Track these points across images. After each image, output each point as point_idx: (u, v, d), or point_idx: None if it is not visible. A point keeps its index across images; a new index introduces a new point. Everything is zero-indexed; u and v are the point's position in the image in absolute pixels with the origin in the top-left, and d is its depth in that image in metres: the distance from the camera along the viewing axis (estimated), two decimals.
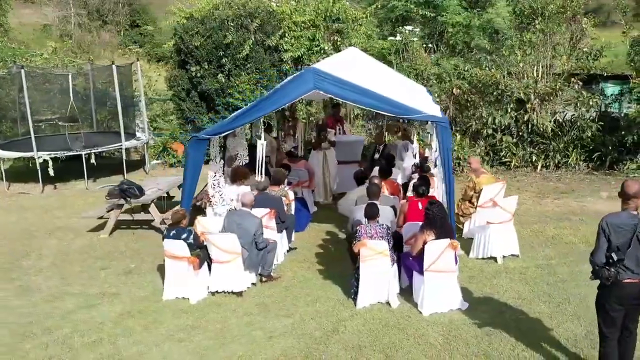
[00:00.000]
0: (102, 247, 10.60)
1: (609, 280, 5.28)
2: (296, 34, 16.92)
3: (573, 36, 16.16)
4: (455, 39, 21.57)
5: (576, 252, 9.40)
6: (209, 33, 16.24)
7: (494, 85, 15.26)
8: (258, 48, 16.44)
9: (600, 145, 15.52)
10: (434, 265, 7.33)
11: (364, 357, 6.48)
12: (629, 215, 5.35)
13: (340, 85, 8.20)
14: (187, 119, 17.41)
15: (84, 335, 7.36)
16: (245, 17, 16.35)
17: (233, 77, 16.44)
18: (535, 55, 16.11)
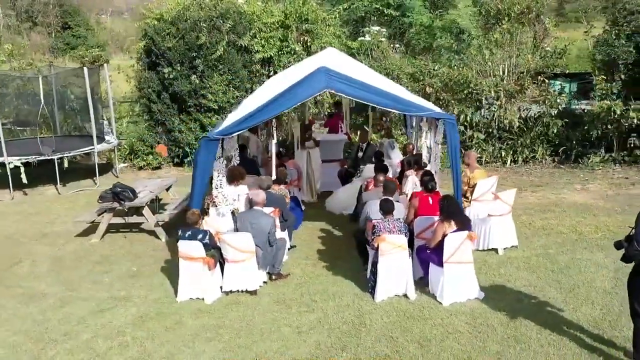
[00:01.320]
0: (96, 251, 10.44)
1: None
2: (266, 35, 17.01)
3: (536, 35, 16.82)
4: (417, 39, 22.02)
5: (569, 241, 9.88)
6: (181, 34, 16.14)
7: (465, 84, 15.73)
8: (230, 49, 16.45)
9: (565, 140, 16.23)
10: (453, 257, 7.59)
11: (400, 348, 6.66)
12: None
13: (352, 84, 8.38)
14: (158, 121, 17.23)
15: (107, 339, 7.28)
16: (218, 18, 16.33)
17: (206, 79, 16.39)
18: (501, 54, 16.69)
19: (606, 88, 15.16)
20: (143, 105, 17.47)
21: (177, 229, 8.61)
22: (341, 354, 6.62)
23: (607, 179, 14.33)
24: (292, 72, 10.98)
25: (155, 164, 17.38)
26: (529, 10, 16.05)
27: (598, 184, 13.77)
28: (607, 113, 14.80)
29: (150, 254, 10.26)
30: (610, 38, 15.25)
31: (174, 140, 17.19)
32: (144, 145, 17.45)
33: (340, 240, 10.68)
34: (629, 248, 5.73)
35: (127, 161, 18.08)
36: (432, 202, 8.64)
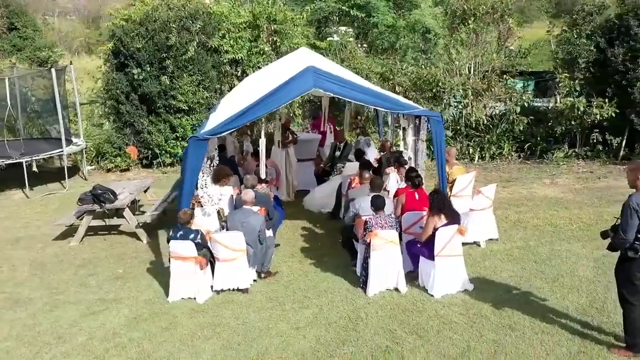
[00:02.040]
0: (77, 254, 10.31)
1: (637, 253, 5.84)
2: (235, 35, 17.01)
3: (501, 35, 17.26)
4: (380, 39, 22.25)
5: (546, 233, 10.22)
6: (150, 35, 16.01)
7: (434, 83, 16.05)
8: (200, 50, 16.40)
9: (530, 137, 16.71)
10: (443, 250, 7.80)
11: (399, 339, 6.82)
12: None
13: (339, 83, 8.52)
14: (126, 123, 17.03)
15: (103, 341, 7.24)
16: (187, 19, 16.26)
17: (176, 79, 16.30)
18: (467, 54, 17.08)
19: (569, 85, 15.64)
20: (111, 107, 17.21)
21: (167, 229, 8.60)
22: (342, 348, 6.74)
23: (573, 173, 14.81)
24: (272, 71, 11.06)
25: (124, 166, 17.17)
26: (494, 10, 16.44)
27: (566, 178, 14.23)
28: (571, 110, 15.28)
29: (133, 255, 10.19)
30: (572, 37, 15.74)
31: (143, 141, 17.01)
32: (111, 147, 17.19)
33: (322, 237, 10.79)
34: (615, 237, 6.01)
35: (94, 164, 17.80)
36: (418, 198, 8.84)
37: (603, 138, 15.72)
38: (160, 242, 10.79)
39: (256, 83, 10.61)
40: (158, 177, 16.23)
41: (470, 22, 16.44)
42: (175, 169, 17.20)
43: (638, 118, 14.95)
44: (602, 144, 15.84)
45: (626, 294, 6.16)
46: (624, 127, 15.43)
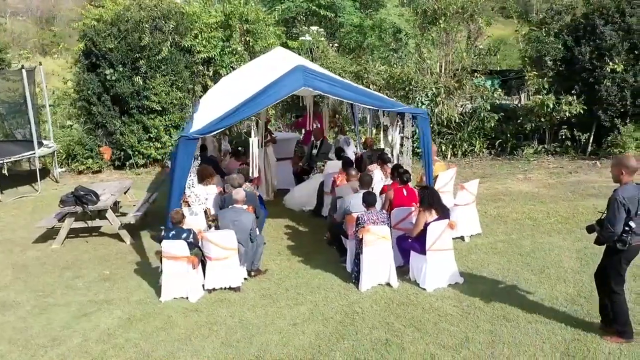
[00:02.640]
0: (60, 257, 10.19)
1: (625, 245, 6.05)
2: (207, 35, 16.98)
3: (470, 34, 17.58)
4: (348, 39, 22.46)
5: (527, 227, 10.49)
6: (123, 35, 15.86)
7: (407, 81, 16.27)
8: (173, 50, 16.32)
9: (500, 134, 17.07)
10: (435, 244, 7.96)
11: (398, 332, 6.94)
12: (635, 187, 6.09)
13: (328, 81, 8.60)
14: (98, 124, 16.84)
15: (99, 342, 7.19)
16: (160, 19, 16.16)
17: (149, 80, 16.18)
18: (438, 53, 17.36)
19: (538, 83, 16.03)
20: (81, 108, 16.98)
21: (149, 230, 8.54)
22: (343, 342, 6.82)
23: (544, 168, 15.19)
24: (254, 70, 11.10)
25: (96, 168, 16.96)
26: (463, 10, 16.73)
27: (538, 174, 14.59)
28: (540, 107, 15.66)
29: (117, 257, 10.12)
30: (542, 36, 16.13)
31: (115, 142, 16.86)
32: (83, 149, 16.96)
33: (307, 235, 10.88)
34: (603, 231, 6.22)
35: (64, 166, 17.53)
36: (407, 194, 8.99)
37: (571, 134, 16.16)
38: (143, 243, 10.76)
39: (240, 82, 10.63)
40: (132, 178, 16.06)
41: (441, 22, 16.68)
42: (149, 170, 17.09)
43: (605, 114, 15.40)
44: (571, 140, 16.27)
45: (614, 285, 6.37)
46: (592, 124, 15.89)
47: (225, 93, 10.23)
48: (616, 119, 15.37)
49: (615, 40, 15.06)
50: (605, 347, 6.32)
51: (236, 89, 9.87)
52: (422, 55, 17.05)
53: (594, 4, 15.68)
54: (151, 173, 16.89)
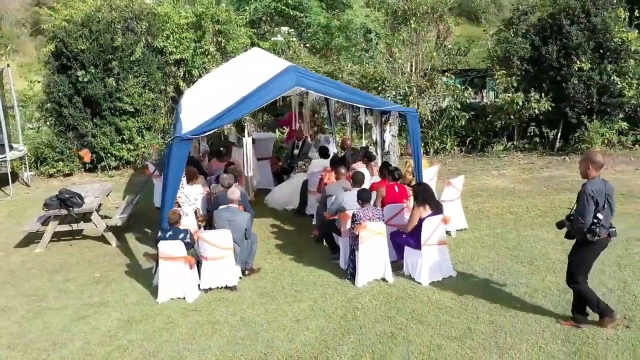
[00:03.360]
0: (46, 261, 10.05)
1: (595, 236, 6.32)
2: (178, 36, 16.91)
3: (440, 34, 17.93)
4: (315, 39, 22.56)
5: (509, 221, 10.81)
6: (95, 36, 15.68)
7: (380, 80, 16.51)
8: (146, 51, 16.21)
9: (471, 132, 17.45)
10: (430, 239, 8.17)
11: (401, 325, 7.10)
12: (601, 182, 6.40)
13: (320, 81, 8.73)
14: (69, 126, 16.59)
15: (102, 345, 7.15)
16: (132, 20, 16.03)
17: (122, 81, 16.04)
18: (408, 53, 17.65)
19: (507, 82, 16.46)
20: (51, 110, 16.69)
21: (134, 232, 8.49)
22: (348, 336, 6.95)
23: (515, 165, 15.61)
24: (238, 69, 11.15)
25: (67, 171, 16.71)
26: (433, 10, 17.06)
27: (511, 170, 14.99)
28: (510, 105, 16.08)
29: (105, 259, 10.04)
30: (510, 36, 16.56)
31: (87, 145, 16.63)
32: (53, 152, 16.68)
33: (293, 234, 10.97)
34: (574, 223, 6.48)
35: (33, 169, 17.21)
36: (398, 191, 9.19)
37: (540, 131, 16.64)
38: (130, 245, 10.69)
39: (226, 81, 10.66)
40: (105, 181, 15.88)
41: (412, 22, 16.97)
42: (121, 173, 16.91)
43: (572, 111, 15.91)
44: (539, 137, 16.75)
45: (578, 275, 6.64)
46: (559, 120, 16.39)
47: (212, 93, 10.25)
48: (583, 116, 15.89)
49: (581, 40, 15.58)
50: (603, 333, 6.60)
51: (224, 89, 9.92)
52: (394, 55, 17.30)
53: (560, 5, 16.15)
54: (124, 175, 16.72)
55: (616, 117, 16.00)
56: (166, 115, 17.76)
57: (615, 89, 15.54)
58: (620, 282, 7.92)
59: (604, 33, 15.63)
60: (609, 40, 15.66)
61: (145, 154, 17.17)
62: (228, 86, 10.01)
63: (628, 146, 16.24)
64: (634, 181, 13.20)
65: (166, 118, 17.72)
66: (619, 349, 6.31)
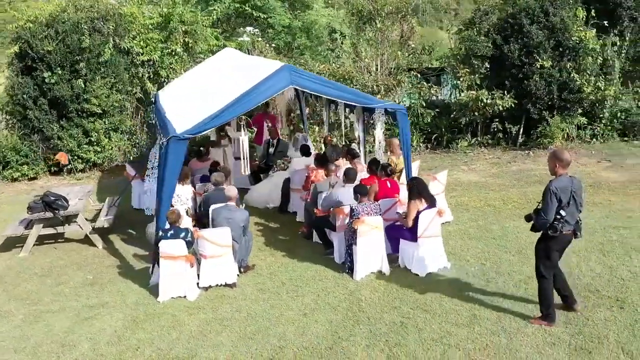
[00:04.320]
0: (33, 265, 9.89)
1: (556, 232, 6.67)
2: (144, 37, 16.80)
3: (403, 34, 18.33)
4: (278, 39, 22.71)
5: (489, 213, 11.22)
6: (61, 37, 15.43)
7: (348, 79, 16.77)
8: (113, 51, 16.04)
9: (435, 128, 17.90)
10: (426, 231, 8.45)
11: (409, 315, 7.36)
12: (567, 179, 6.73)
13: (314, 80, 8.92)
14: (34, 129, 16.25)
15: (111, 345, 7.16)
16: (99, 20, 15.84)
17: (89, 82, 15.83)
18: (373, 52, 17.99)
19: (470, 80, 16.97)
20: (15, 113, 16.32)
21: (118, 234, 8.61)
22: (359, 327, 7.17)
23: (482, 160, 16.11)
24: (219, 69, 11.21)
25: (32, 174, 16.37)
26: (398, 10, 17.43)
27: (480, 165, 15.47)
28: (475, 102, 16.58)
29: (94, 261, 9.95)
30: (473, 35, 17.08)
31: (52, 148, 16.33)
32: (17, 155, 16.30)
33: (280, 231, 11.09)
34: (537, 219, 6.82)
35: None
36: (390, 186, 9.45)
37: (503, 127, 17.19)
38: (116, 246, 10.63)
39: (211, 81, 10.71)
40: (72, 184, 15.66)
41: (377, 22, 17.31)
42: (89, 175, 16.67)
43: (534, 107, 16.52)
44: (502, 133, 17.31)
45: (542, 269, 6.96)
46: (521, 116, 16.98)
47: (198, 92, 10.27)
48: (544, 112, 16.51)
49: (541, 39, 16.20)
50: (600, 315, 7.02)
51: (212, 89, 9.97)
52: (360, 55, 17.61)
53: (520, 5, 16.75)
54: (92, 177, 16.48)
55: (575, 112, 16.68)
56: (132, 117, 17.59)
57: (575, 86, 16.21)
58: (606, 267, 8.38)
59: (562, 32, 16.30)
60: (567, 39, 16.34)
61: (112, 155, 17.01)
62: (216, 86, 10.07)
63: (586, 140, 16.95)
64: (598, 173, 13.85)
65: (132, 119, 17.55)
66: (617, 329, 6.73)
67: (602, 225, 10.00)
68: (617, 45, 17.24)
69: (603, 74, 16.74)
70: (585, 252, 8.91)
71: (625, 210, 10.83)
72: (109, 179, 16.06)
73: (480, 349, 6.49)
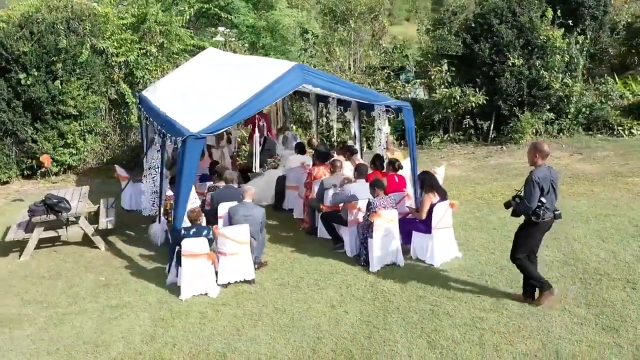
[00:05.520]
0: (38, 269, 9.72)
1: (539, 218, 7.15)
2: (118, 37, 16.64)
3: (375, 34, 18.73)
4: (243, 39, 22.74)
5: (482, 205, 11.67)
6: (37, 38, 15.14)
7: None
8: (89, 52, 15.83)
9: None
10: (439, 223, 8.80)
11: (436, 303, 7.66)
12: (546, 169, 7.22)
13: (325, 79, 9.14)
14: (7, 132, 15.86)
15: (146, 343, 7.18)
16: (74, 20, 15.60)
17: (65, 83, 15.57)
18: (346, 51, 18.33)
19: (442, 78, 17.50)
20: None
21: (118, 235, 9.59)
22: (391, 316, 7.42)
23: (458, 155, 16.63)
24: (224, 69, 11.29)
25: (5, 179, 15.99)
26: (371, 10, 17.82)
27: (458, 160, 15.98)
28: (448, 99, 17.10)
29: (100, 263, 9.85)
30: (445, 34, 17.61)
31: (26, 151, 15.98)
32: None
33: (280, 228, 11.22)
34: (520, 205, 7.28)
35: None
36: (397, 180, 9.76)
37: (474, 123, 17.76)
38: (118, 247, 10.57)
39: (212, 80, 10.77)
40: (47, 188, 15.40)
41: (351, 22, 17.64)
42: (64, 178, 16.40)
43: (505, 104, 17.15)
44: (474, 129, 17.88)
45: (519, 252, 7.47)
46: (492, 113, 17.59)
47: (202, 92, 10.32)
48: (514, 108, 17.16)
49: (511, 37, 16.85)
50: (617, 296, 7.51)
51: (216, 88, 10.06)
52: (335, 54, 17.89)
53: (489, 5, 17.37)
54: (68, 180, 16.21)
55: (543, 108, 17.40)
56: (105, 118, 17.37)
57: (544, 82, 16.92)
58: (609, 252, 8.90)
59: (531, 31, 16.99)
60: (536, 38, 17.06)
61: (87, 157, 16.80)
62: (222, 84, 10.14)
63: (554, 135, 17.70)
64: (574, 165, 14.54)
65: (105, 121, 17.33)
66: (636, 308, 7.21)
67: (593, 214, 10.57)
68: (579, 44, 18.06)
69: (569, 71, 17.51)
70: (585, 239, 9.43)
71: (610, 199, 11.46)
72: (86, 182, 15.79)
73: (514, 331, 6.85)
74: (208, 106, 9.35)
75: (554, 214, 7.23)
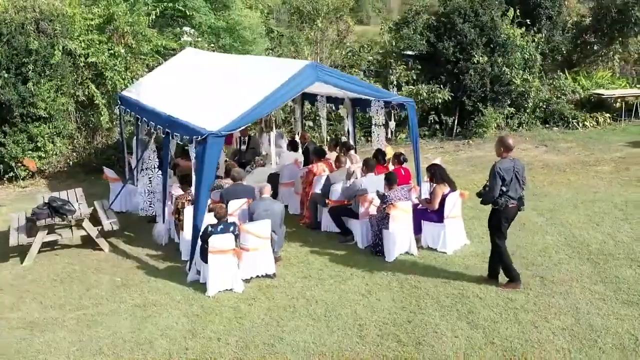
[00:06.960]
0: (47, 272, 9.53)
1: (502, 206, 7.83)
2: (86, 38, 16.39)
3: (340, 33, 19.12)
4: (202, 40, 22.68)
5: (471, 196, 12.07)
6: (6, 38, 14.74)
7: None
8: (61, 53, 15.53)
9: None
10: (451, 212, 9.26)
11: (462, 287, 8.10)
12: (510, 161, 7.85)
13: (337, 76, 9.44)
14: None
15: (189, 339, 7.26)
16: (44, 21, 15.27)
17: (35, 85, 15.23)
18: (312, 50, 18.64)
19: (407, 75, 18.08)
20: None
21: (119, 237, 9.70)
22: (423, 301, 7.81)
23: (428, 150, 17.19)
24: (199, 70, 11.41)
25: None
26: (337, 10, 18.20)
27: (431, 155, 16.53)
28: (415, 96, 17.66)
29: (110, 265, 9.75)
30: (410, 33, 18.18)
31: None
32: None
33: None
34: (486, 195, 7.99)
35: None
36: (404, 173, 10.17)
37: (439, 119, 18.42)
38: (123, 248, 10.51)
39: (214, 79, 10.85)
40: (18, 193, 15.08)
41: (318, 21, 17.96)
42: (35, 182, 16.02)
43: (469, 100, 17.88)
44: (439, 124, 18.53)
45: (496, 240, 8.10)
46: (456, 109, 18.30)
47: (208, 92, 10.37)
48: (478, 103, 17.92)
49: (474, 36, 17.59)
50: (627, 273, 8.17)
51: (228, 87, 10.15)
52: (302, 53, 18.16)
53: (452, 5, 18.07)
54: (37, 185, 15.84)
55: (505, 103, 18.25)
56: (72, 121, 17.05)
57: (506, 79, 17.75)
58: (605, 235, 9.60)
59: (493, 30, 17.78)
60: (497, 36, 17.86)
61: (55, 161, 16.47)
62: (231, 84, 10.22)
63: (514, 128, 18.58)
64: (542, 156, 15.38)
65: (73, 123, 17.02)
66: None
67: (579, 200, 11.30)
68: (535, 42, 19.02)
69: (528, 68, 18.42)
70: (580, 224, 10.10)
71: (589, 187, 12.26)
72: (59, 185, 15.48)
73: (544, 309, 7.37)
74: (222, 105, 9.43)
75: (517, 203, 7.83)
